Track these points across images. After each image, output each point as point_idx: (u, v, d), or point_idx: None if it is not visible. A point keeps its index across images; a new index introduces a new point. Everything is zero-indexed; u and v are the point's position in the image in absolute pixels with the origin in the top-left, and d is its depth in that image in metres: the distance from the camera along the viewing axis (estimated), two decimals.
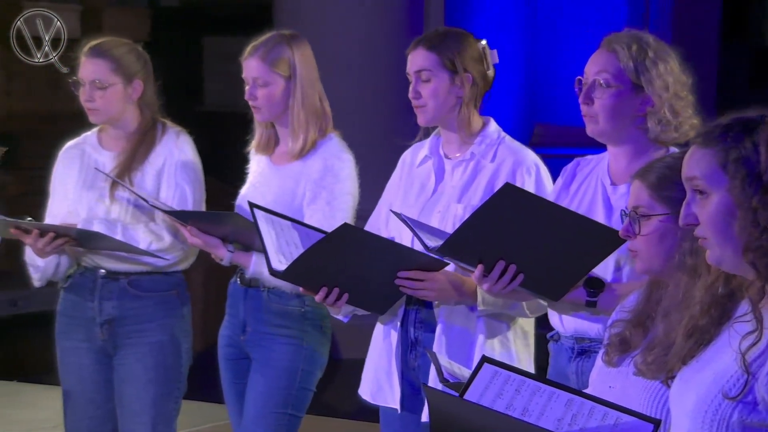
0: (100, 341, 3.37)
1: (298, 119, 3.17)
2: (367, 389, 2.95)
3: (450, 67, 2.85)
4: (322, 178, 3.15)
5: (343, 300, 2.76)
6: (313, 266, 2.70)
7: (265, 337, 3.19)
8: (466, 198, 2.84)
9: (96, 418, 3.39)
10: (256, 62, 3.16)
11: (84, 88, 3.32)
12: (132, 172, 3.33)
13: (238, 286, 3.23)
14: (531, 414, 1.94)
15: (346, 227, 2.67)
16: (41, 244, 3.19)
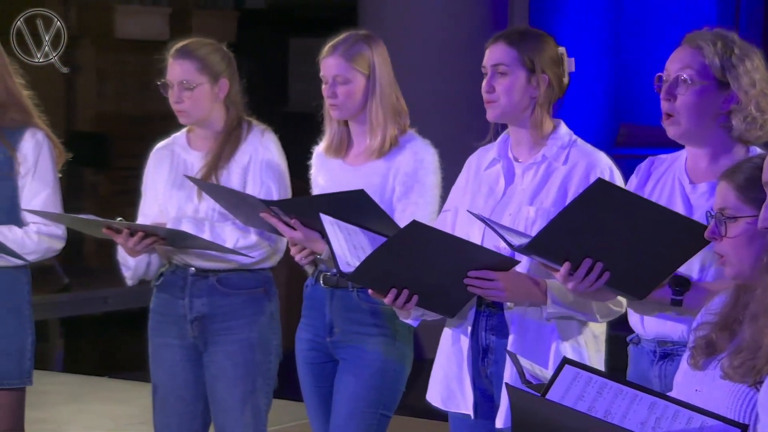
0: (190, 338, 3.42)
1: (377, 117, 3.19)
2: (438, 395, 2.91)
3: (528, 65, 2.82)
4: (414, 171, 3.16)
5: (412, 302, 2.73)
6: (381, 267, 2.68)
7: (355, 337, 3.19)
8: (538, 201, 2.81)
9: (185, 414, 3.44)
10: (336, 60, 3.18)
11: (172, 90, 3.37)
12: (219, 171, 3.37)
13: (321, 288, 3.23)
14: (613, 416, 1.93)
15: (416, 225, 2.64)
16: (131, 244, 3.25)
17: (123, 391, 5.31)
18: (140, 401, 4.52)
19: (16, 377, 3.45)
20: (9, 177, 3.41)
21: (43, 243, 3.42)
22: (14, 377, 3.45)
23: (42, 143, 3.44)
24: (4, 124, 3.41)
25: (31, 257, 3.42)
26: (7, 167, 3.41)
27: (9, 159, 3.40)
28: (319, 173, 3.31)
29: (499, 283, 2.69)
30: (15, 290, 3.46)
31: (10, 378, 3.44)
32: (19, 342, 3.46)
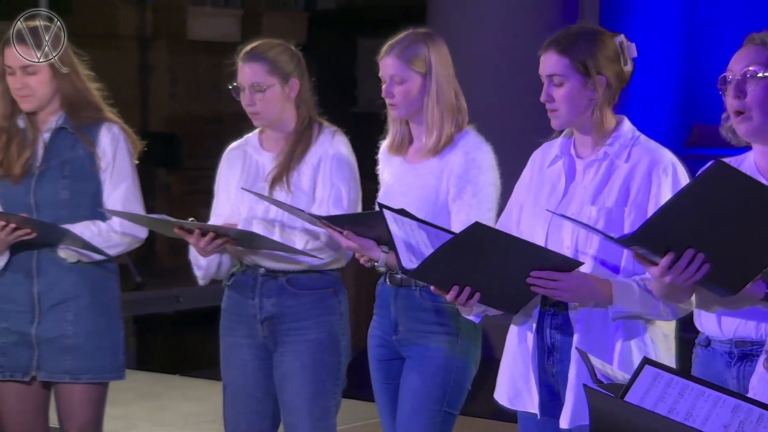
0: (261, 338, 3.45)
1: (433, 116, 3.19)
2: (504, 394, 2.90)
3: (582, 70, 2.78)
4: (466, 171, 3.16)
5: (474, 299, 2.73)
6: (444, 265, 2.68)
7: (419, 335, 3.20)
8: (600, 200, 2.78)
9: (256, 413, 3.46)
10: (393, 60, 3.19)
11: (244, 93, 3.40)
12: (290, 172, 3.40)
13: (387, 286, 3.26)
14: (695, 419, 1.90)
15: (478, 226, 2.63)
16: (203, 244, 3.29)
17: (194, 389, 5.36)
18: (211, 399, 4.56)
19: (110, 371, 3.53)
20: (91, 172, 3.48)
21: (126, 237, 3.49)
22: (108, 371, 3.52)
23: (118, 136, 3.51)
24: (80, 122, 3.49)
25: (116, 250, 3.50)
26: (89, 163, 3.48)
27: (90, 155, 3.48)
28: (384, 170, 3.34)
29: (562, 283, 2.68)
30: (105, 286, 3.54)
31: (106, 372, 3.51)
32: (112, 337, 3.53)
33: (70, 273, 3.49)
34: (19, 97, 3.46)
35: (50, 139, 3.50)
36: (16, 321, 3.49)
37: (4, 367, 3.49)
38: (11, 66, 3.45)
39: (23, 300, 3.49)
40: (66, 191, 3.47)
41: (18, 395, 3.51)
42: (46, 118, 3.51)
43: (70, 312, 3.48)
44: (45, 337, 3.48)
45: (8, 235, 3.36)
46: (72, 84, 3.48)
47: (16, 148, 3.47)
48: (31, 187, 3.47)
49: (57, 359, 3.48)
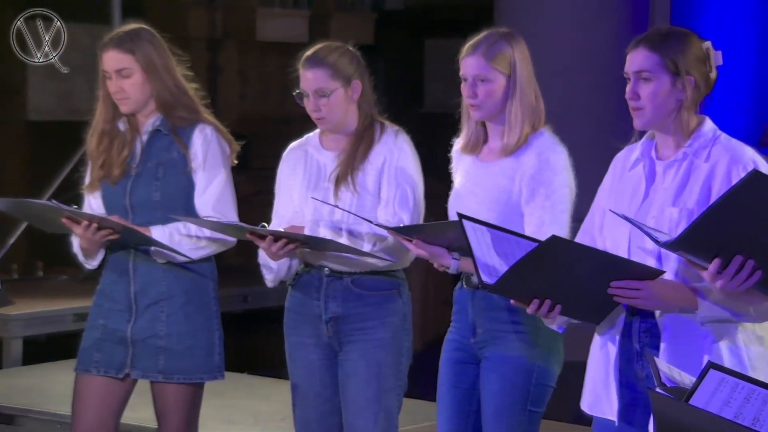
0: (326, 338, 3.46)
1: (516, 116, 3.17)
2: (586, 400, 2.89)
3: (672, 69, 2.75)
4: (539, 172, 3.14)
5: (556, 311, 2.72)
6: (523, 278, 2.67)
7: (497, 335, 3.19)
8: (681, 201, 2.74)
9: (324, 411, 3.48)
10: (477, 59, 3.17)
11: (308, 99, 3.41)
12: (354, 172, 3.40)
13: (464, 290, 3.24)
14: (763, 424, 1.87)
15: (555, 240, 2.61)
16: (275, 249, 3.32)
17: (263, 387, 5.40)
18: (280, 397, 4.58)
19: (204, 371, 3.56)
20: (184, 173, 3.52)
21: (216, 239, 3.53)
22: (202, 371, 3.56)
23: (210, 138, 3.56)
24: (175, 122, 3.53)
25: (203, 252, 3.54)
26: (182, 164, 3.53)
27: (182, 156, 3.53)
28: (457, 169, 3.32)
29: (644, 292, 2.64)
30: (200, 287, 3.58)
31: (199, 372, 3.54)
32: (206, 337, 3.56)
33: (165, 274, 3.53)
34: (117, 100, 3.52)
35: (147, 141, 3.56)
36: (113, 319, 3.55)
37: (99, 363, 3.55)
38: (107, 70, 3.51)
39: (121, 299, 3.55)
40: (158, 193, 3.52)
41: (99, 391, 3.56)
42: (144, 120, 3.57)
43: (163, 312, 3.53)
44: (139, 336, 3.53)
45: (94, 235, 3.41)
46: (166, 86, 3.52)
47: (117, 148, 3.54)
48: (127, 188, 3.54)
49: (150, 358, 3.52)
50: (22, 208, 3.53)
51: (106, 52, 3.53)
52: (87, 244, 3.48)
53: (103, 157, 3.55)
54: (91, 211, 3.57)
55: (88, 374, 3.55)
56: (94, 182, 3.58)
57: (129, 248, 3.52)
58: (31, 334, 6.09)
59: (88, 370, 3.56)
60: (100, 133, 3.57)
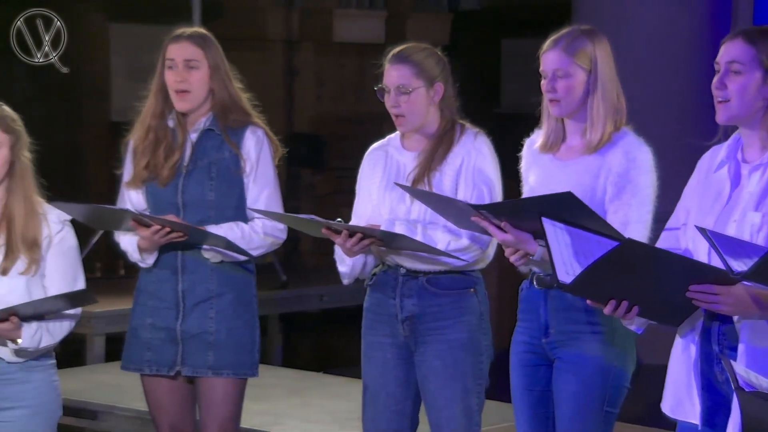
0: (402, 337, 3.47)
1: (597, 113, 3.15)
2: (668, 403, 2.86)
3: (766, 65, 2.69)
4: (626, 171, 3.11)
5: (633, 312, 2.70)
6: (600, 279, 2.65)
7: (572, 336, 3.17)
8: (764, 205, 2.69)
9: (395, 412, 3.49)
10: (558, 54, 3.16)
11: (389, 95, 3.43)
12: (431, 173, 3.42)
13: (535, 289, 3.22)
14: None
15: (632, 243, 2.60)
16: (350, 245, 3.34)
17: (339, 386, 5.42)
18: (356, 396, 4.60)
19: (248, 368, 3.61)
20: (236, 175, 3.57)
21: (268, 238, 3.58)
22: (246, 367, 3.61)
23: (262, 140, 3.60)
24: (227, 123, 3.58)
25: (258, 252, 3.59)
26: (234, 165, 3.58)
27: (235, 157, 3.57)
28: (530, 169, 3.28)
29: (722, 297, 2.61)
30: (245, 285, 3.64)
31: (244, 368, 3.60)
32: (250, 335, 3.62)
33: (213, 272, 3.58)
34: (177, 93, 3.55)
35: (197, 140, 3.60)
36: (162, 317, 3.60)
37: (151, 362, 3.61)
38: (173, 59, 3.55)
39: (169, 297, 3.60)
40: (212, 192, 3.57)
41: (167, 388, 3.63)
42: (195, 118, 3.61)
43: (212, 309, 3.58)
44: (189, 333, 3.58)
45: (162, 238, 3.47)
46: (225, 89, 3.58)
47: (164, 151, 3.57)
48: (179, 187, 3.57)
49: (200, 354, 3.57)
50: (93, 213, 3.60)
51: (177, 43, 3.57)
52: (148, 245, 3.53)
53: (148, 158, 3.58)
54: (131, 206, 3.62)
55: (149, 375, 3.61)
56: (136, 180, 3.61)
57: (177, 247, 3.56)
58: (113, 332, 6.19)
59: (141, 370, 3.62)
60: (146, 128, 3.60)
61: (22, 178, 3.31)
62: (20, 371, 3.29)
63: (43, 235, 3.31)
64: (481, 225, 3.09)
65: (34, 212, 3.31)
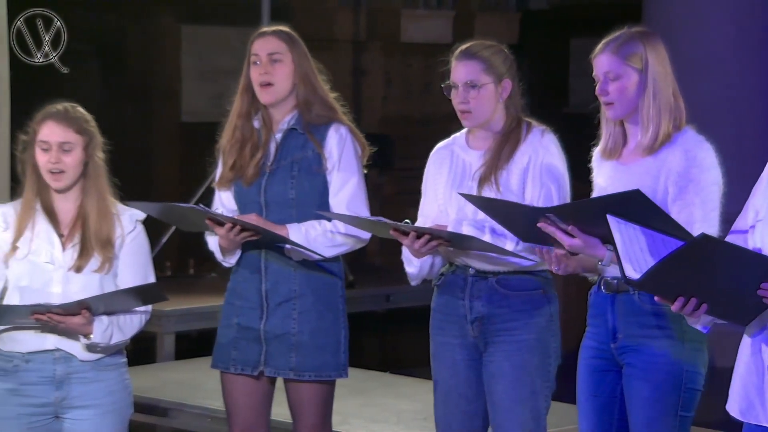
0: (471, 338, 3.46)
1: (649, 113, 3.12)
2: (736, 405, 2.81)
3: None
4: (687, 170, 3.07)
5: (701, 310, 2.67)
6: (669, 276, 2.62)
7: (641, 340, 3.13)
8: None
9: (467, 413, 3.47)
10: (608, 56, 3.14)
11: (457, 91, 3.43)
12: (498, 171, 3.41)
13: (603, 294, 3.19)
14: None
15: (705, 238, 2.57)
16: (418, 246, 3.34)
17: (405, 386, 5.42)
18: (422, 397, 4.61)
19: (333, 369, 3.62)
20: (318, 173, 3.59)
21: (350, 237, 3.59)
22: (331, 369, 3.61)
23: (345, 138, 3.60)
24: (311, 120, 3.60)
25: (338, 250, 3.59)
26: (316, 163, 3.59)
27: (317, 155, 3.59)
28: (598, 175, 3.27)
29: None
30: (329, 285, 3.64)
31: (328, 369, 3.60)
32: (334, 336, 3.62)
33: (296, 272, 3.59)
34: (261, 86, 3.58)
35: (281, 139, 3.62)
36: (246, 317, 3.63)
37: (236, 361, 3.63)
38: (258, 54, 3.58)
39: (253, 297, 3.62)
40: (293, 191, 3.59)
41: (246, 389, 3.64)
42: (279, 117, 3.63)
43: (295, 310, 3.59)
44: (272, 333, 3.60)
45: (236, 236, 3.50)
46: (309, 84, 3.59)
47: (250, 150, 3.61)
48: (262, 186, 3.60)
49: (283, 356, 3.59)
50: (168, 211, 3.64)
51: (262, 38, 3.60)
52: (227, 244, 3.56)
53: (234, 158, 3.61)
54: (222, 206, 3.65)
55: (231, 373, 3.64)
56: (224, 180, 3.65)
57: (261, 246, 3.59)
58: (183, 330, 6.26)
59: (227, 368, 3.64)
60: (233, 128, 3.63)
61: (96, 179, 3.36)
62: (92, 370, 3.34)
63: (116, 235, 3.36)
64: (547, 231, 3.05)
65: (108, 212, 3.37)
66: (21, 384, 3.30)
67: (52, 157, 3.32)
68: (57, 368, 3.31)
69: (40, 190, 3.36)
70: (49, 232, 3.34)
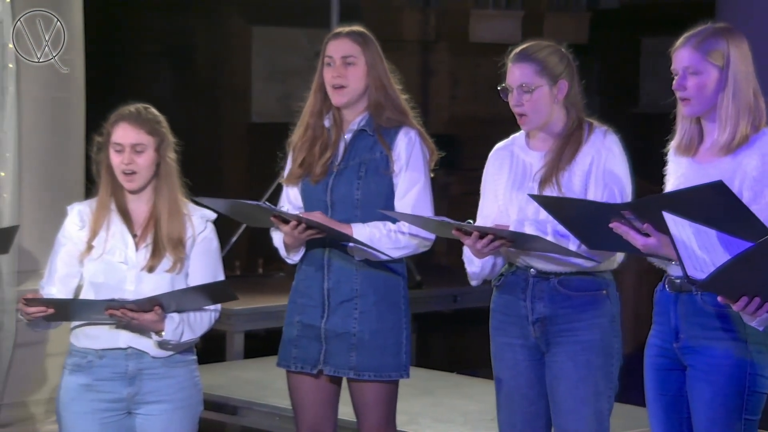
0: (533, 339, 3.46)
1: (727, 112, 3.08)
2: None
3: None
4: (763, 174, 3.03)
5: (763, 309, 2.65)
6: (736, 276, 2.61)
7: (702, 342, 3.11)
8: None
9: (530, 413, 3.47)
10: (689, 51, 3.10)
11: (512, 94, 3.42)
12: (559, 173, 3.39)
13: (667, 292, 3.17)
14: None
15: None
16: (480, 246, 3.34)
17: (471, 387, 5.42)
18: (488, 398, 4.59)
19: (393, 369, 3.63)
20: (385, 175, 3.61)
21: (415, 238, 3.60)
22: (392, 369, 3.62)
23: (414, 141, 3.62)
24: (382, 123, 3.61)
25: (403, 252, 3.60)
26: (383, 165, 3.61)
27: (385, 158, 3.61)
28: (671, 173, 3.24)
29: None
30: (392, 286, 3.65)
31: (389, 370, 3.61)
32: (395, 336, 3.63)
33: (358, 271, 3.61)
34: (333, 88, 3.61)
35: (351, 140, 3.65)
36: (309, 315, 3.66)
37: (297, 359, 3.66)
38: (332, 56, 3.61)
39: (315, 295, 3.65)
40: (359, 191, 3.61)
41: (310, 387, 3.67)
42: (350, 118, 3.66)
43: (356, 309, 3.61)
44: (333, 332, 3.62)
45: (301, 233, 3.52)
46: (381, 86, 3.62)
47: (319, 148, 3.64)
48: (329, 185, 3.63)
49: (343, 355, 3.60)
50: (236, 208, 3.68)
51: (336, 39, 3.63)
52: (291, 241, 3.59)
53: (304, 155, 3.64)
54: (288, 202, 3.68)
55: (296, 371, 3.66)
56: (293, 177, 3.68)
57: (325, 244, 3.60)
58: (252, 329, 6.32)
59: (289, 366, 3.67)
60: (305, 125, 3.66)
61: (168, 179, 3.41)
62: (163, 367, 3.38)
63: (187, 235, 3.40)
64: (620, 231, 3.01)
65: (179, 212, 3.41)
66: (95, 379, 3.37)
67: (125, 158, 3.37)
68: (129, 364, 3.36)
69: (115, 190, 3.42)
70: (123, 232, 3.40)
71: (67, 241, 3.42)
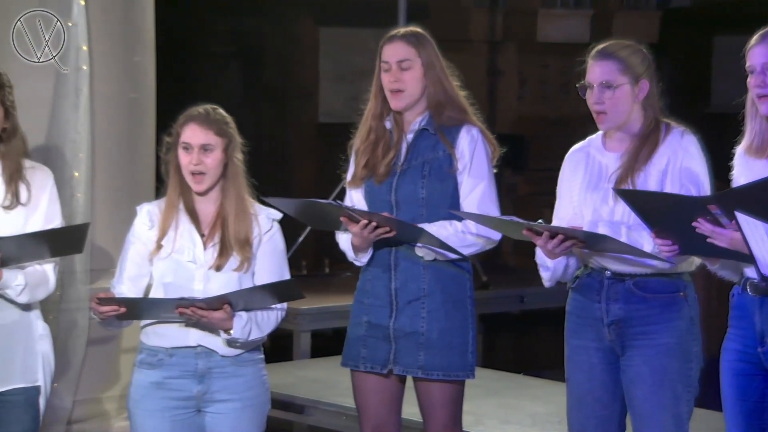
0: (608, 341, 3.42)
1: None
2: None
3: None
4: None
5: None
6: None
7: None
8: None
9: (602, 417, 3.44)
10: (765, 48, 3.06)
11: (592, 91, 3.40)
12: (635, 173, 3.36)
13: (749, 296, 3.11)
14: None
15: None
16: (551, 246, 3.32)
17: (538, 388, 5.39)
18: (556, 399, 4.56)
19: (460, 369, 3.63)
20: (449, 173, 3.61)
21: (481, 237, 3.59)
22: (459, 369, 3.62)
23: (476, 139, 3.62)
24: (442, 122, 3.62)
25: (470, 250, 3.60)
26: (447, 164, 3.61)
27: (448, 156, 3.61)
28: (740, 175, 3.19)
29: None
30: (458, 285, 3.65)
31: (456, 369, 3.61)
32: (462, 336, 3.63)
33: (425, 271, 3.61)
34: (391, 92, 3.62)
35: (413, 140, 3.65)
36: (376, 315, 3.66)
37: (366, 359, 3.67)
38: (388, 61, 3.63)
39: (382, 295, 3.65)
40: (424, 190, 3.61)
41: (376, 387, 3.68)
42: (411, 118, 3.67)
43: (424, 309, 3.61)
44: (401, 331, 3.62)
45: (370, 233, 3.53)
46: (441, 86, 3.62)
47: (382, 149, 3.65)
48: (393, 185, 3.64)
49: (411, 354, 3.61)
50: (305, 208, 3.70)
51: (390, 44, 3.63)
52: (360, 242, 3.59)
53: (367, 157, 3.66)
54: (353, 205, 3.68)
55: (361, 371, 3.67)
56: (357, 179, 3.69)
57: (391, 245, 3.61)
58: (318, 328, 6.34)
59: (357, 366, 3.68)
60: (367, 128, 3.68)
61: (235, 179, 3.44)
62: (232, 365, 3.41)
63: (253, 235, 3.43)
64: (703, 230, 2.97)
65: (246, 212, 3.44)
66: (165, 377, 3.40)
67: (193, 158, 3.41)
68: (199, 362, 3.39)
69: (183, 190, 3.46)
70: (192, 231, 3.43)
71: (136, 240, 3.47)
